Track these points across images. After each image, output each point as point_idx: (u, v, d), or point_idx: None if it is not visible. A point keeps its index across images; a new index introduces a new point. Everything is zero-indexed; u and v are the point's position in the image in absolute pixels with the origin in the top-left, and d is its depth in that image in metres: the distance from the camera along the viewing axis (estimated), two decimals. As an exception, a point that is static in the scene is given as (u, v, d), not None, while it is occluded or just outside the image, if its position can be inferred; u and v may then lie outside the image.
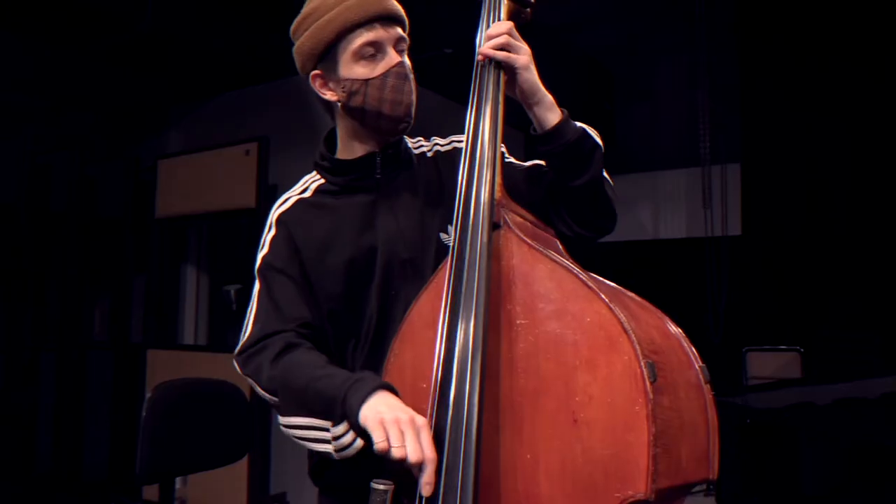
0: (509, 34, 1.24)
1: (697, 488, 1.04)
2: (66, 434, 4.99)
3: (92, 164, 5.34)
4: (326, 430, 1.14)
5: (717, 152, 5.71)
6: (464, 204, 1.16)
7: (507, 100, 1.28)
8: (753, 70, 5.51)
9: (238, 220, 4.56)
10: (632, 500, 0.92)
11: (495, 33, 1.24)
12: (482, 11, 1.32)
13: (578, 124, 1.31)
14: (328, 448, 1.15)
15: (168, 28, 4.00)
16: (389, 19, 1.33)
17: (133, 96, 5.24)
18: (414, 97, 1.34)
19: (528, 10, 1.37)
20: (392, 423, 1.02)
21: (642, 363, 0.93)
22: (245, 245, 4.60)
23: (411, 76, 1.34)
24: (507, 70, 1.25)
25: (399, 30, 1.34)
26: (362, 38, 1.30)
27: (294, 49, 1.38)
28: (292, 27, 1.39)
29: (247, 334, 1.34)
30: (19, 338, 5.05)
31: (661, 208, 6.19)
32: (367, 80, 1.30)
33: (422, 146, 1.49)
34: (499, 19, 1.30)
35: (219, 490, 4.09)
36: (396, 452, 1.00)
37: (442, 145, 1.49)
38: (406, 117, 1.34)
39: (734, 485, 2.74)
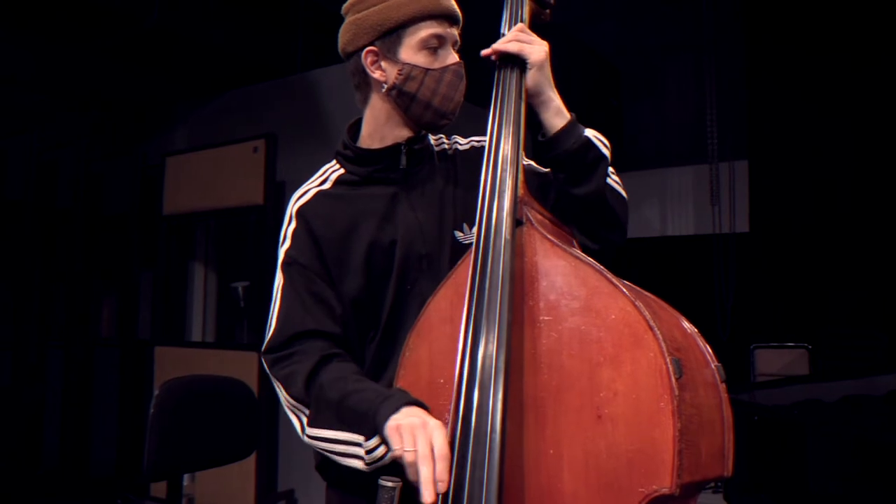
0: (522, 30, 1.29)
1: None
2: (73, 431, 5.01)
3: (98, 161, 5.35)
4: (357, 444, 1.16)
5: (725, 149, 5.71)
6: (487, 201, 1.16)
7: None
8: (760, 67, 5.50)
9: (246, 216, 4.57)
10: (655, 494, 0.92)
11: (510, 31, 1.29)
12: (504, 13, 1.34)
13: (586, 132, 1.31)
14: (355, 463, 1.18)
15: (175, 24, 4.01)
16: (455, 21, 1.38)
17: (139, 93, 5.24)
18: (462, 99, 1.38)
19: (548, 10, 1.40)
20: (406, 428, 1.05)
21: (668, 360, 0.93)
22: (253, 242, 4.61)
23: (465, 79, 1.37)
24: (520, 64, 1.27)
25: (457, 34, 1.39)
26: (432, 29, 1.33)
27: (350, 21, 1.38)
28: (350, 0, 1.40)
29: (272, 330, 1.34)
30: (26, 334, 5.05)
31: (669, 205, 6.19)
32: (427, 70, 1.33)
33: (442, 143, 1.50)
34: (521, 20, 1.32)
35: (227, 487, 4.10)
36: (408, 456, 1.03)
37: (462, 144, 1.50)
38: (450, 114, 1.37)
39: (741, 481, 2.74)
